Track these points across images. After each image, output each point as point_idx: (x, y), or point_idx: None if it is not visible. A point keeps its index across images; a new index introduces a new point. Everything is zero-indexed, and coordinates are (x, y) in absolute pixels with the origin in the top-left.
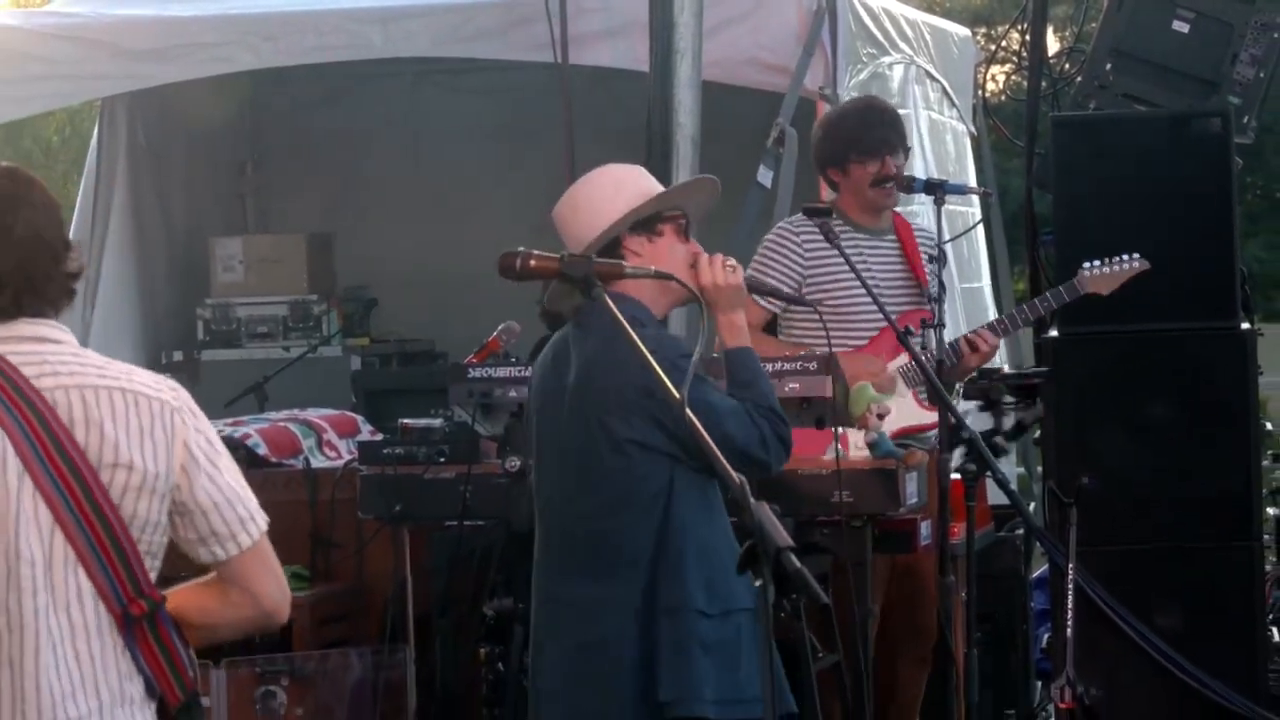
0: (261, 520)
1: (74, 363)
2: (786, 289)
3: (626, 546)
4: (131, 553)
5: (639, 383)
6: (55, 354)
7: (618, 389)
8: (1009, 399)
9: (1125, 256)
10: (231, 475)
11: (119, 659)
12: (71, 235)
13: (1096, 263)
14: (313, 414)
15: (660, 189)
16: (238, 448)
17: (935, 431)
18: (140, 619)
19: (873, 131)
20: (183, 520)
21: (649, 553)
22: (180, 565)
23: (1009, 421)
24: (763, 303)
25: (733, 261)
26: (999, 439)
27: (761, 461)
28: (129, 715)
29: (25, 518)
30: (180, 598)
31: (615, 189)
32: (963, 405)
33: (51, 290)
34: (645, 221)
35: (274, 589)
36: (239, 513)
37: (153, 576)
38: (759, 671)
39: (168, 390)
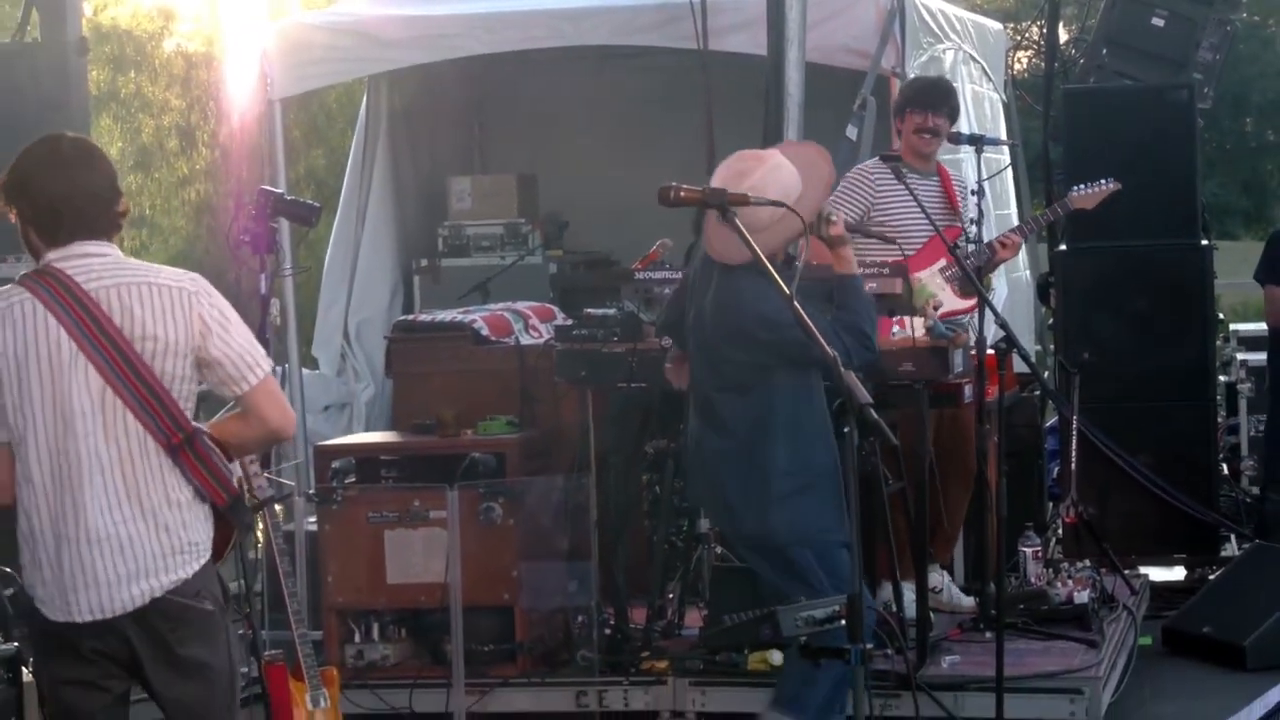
0: (265, 365)
1: (114, 268)
2: (862, 223)
3: (727, 417)
4: (167, 399)
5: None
6: (99, 264)
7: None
8: None
9: (1103, 180)
10: (241, 336)
11: (165, 476)
12: (346, 178)
13: (1081, 186)
14: (521, 305)
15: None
16: (466, 329)
17: (967, 316)
18: (180, 445)
19: (922, 93)
20: (208, 370)
21: (746, 424)
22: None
23: None
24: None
25: (836, 214)
26: None
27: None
28: (178, 512)
29: (78, 384)
30: (218, 427)
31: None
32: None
33: (101, 224)
34: None
35: (277, 414)
36: (246, 360)
37: (189, 414)
38: (833, 506)
39: (187, 281)
